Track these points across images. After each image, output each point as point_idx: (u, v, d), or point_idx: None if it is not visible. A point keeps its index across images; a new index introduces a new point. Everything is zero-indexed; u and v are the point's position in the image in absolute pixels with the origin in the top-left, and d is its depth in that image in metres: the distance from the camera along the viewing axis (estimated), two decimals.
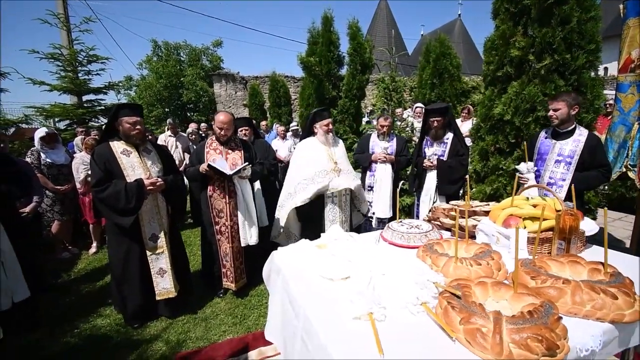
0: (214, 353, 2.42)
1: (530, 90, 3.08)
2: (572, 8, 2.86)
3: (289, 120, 10.85)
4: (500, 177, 3.38)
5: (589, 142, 2.52)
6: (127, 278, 2.68)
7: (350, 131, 5.38)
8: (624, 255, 1.65)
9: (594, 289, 1.14)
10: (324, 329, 1.13)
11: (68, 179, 4.27)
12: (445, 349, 1.00)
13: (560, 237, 1.59)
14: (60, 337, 2.66)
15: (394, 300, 1.22)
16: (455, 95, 6.40)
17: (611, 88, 5.61)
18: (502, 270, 1.42)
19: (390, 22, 25.48)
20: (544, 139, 2.75)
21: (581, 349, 1.00)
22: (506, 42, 3.23)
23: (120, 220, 2.54)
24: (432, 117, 3.41)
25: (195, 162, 3.05)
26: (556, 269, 1.37)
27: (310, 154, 3.20)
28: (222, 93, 12.74)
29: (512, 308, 1.12)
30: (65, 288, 3.51)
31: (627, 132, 2.94)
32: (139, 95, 14.85)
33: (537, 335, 0.91)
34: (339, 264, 1.51)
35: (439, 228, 2.08)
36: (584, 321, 1.11)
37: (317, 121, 3.24)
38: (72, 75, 7.39)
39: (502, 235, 1.71)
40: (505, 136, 3.31)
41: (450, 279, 1.33)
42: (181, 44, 15.50)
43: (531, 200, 1.87)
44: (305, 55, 5.67)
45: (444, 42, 6.29)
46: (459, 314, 1.04)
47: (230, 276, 3.12)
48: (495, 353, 0.92)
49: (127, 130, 2.57)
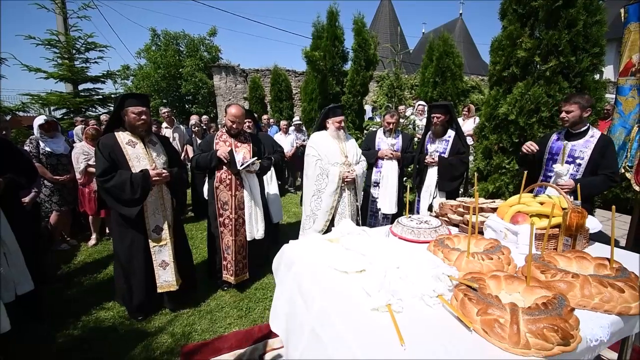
0: (221, 345, 2.44)
1: (535, 91, 3.13)
2: (578, 11, 2.91)
3: (290, 114, 10.83)
4: (503, 176, 3.44)
5: (601, 143, 2.50)
6: (132, 270, 2.68)
7: (353, 127, 5.41)
8: (625, 252, 1.71)
9: (602, 283, 1.19)
10: (342, 320, 1.16)
11: (67, 169, 4.22)
12: (462, 339, 1.04)
13: (566, 233, 1.64)
14: (65, 329, 2.66)
15: (410, 293, 1.26)
16: (456, 94, 6.44)
17: (607, 91, 5.67)
18: (512, 264, 1.46)
19: (392, 19, 25.38)
20: (555, 140, 2.73)
21: (591, 339, 1.05)
22: (513, 42, 3.27)
23: (125, 211, 2.54)
24: (433, 113, 3.49)
25: (206, 150, 3.05)
26: (564, 264, 1.42)
27: (324, 147, 3.25)
28: (222, 85, 12.63)
29: (525, 300, 1.16)
30: (66, 280, 3.50)
31: (627, 134, 3.01)
32: (136, 85, 14.65)
33: (553, 326, 0.95)
34: (353, 258, 1.54)
35: (447, 224, 2.12)
36: (592, 313, 1.16)
37: (330, 117, 3.29)
38: (69, 62, 7.28)
39: (510, 231, 1.76)
40: (509, 136, 3.36)
41: (463, 272, 1.37)
42: (180, 34, 15.30)
43: (538, 198, 1.92)
44: (309, 50, 5.65)
45: (447, 41, 6.32)
46: (476, 305, 1.08)
47: (230, 269, 3.12)
48: (513, 342, 0.96)
49: (132, 120, 2.55)
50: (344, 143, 3.28)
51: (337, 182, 3.14)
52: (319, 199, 3.21)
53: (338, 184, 3.15)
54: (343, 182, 3.19)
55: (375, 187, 3.85)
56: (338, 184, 3.15)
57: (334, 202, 3.19)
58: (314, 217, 3.24)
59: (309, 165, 3.27)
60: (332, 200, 3.17)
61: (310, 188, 3.26)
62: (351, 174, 3.18)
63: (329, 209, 3.19)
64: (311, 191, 3.25)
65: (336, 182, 3.14)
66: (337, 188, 3.16)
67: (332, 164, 3.17)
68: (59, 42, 7.13)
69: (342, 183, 3.18)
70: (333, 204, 3.19)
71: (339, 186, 3.16)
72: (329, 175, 3.16)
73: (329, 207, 3.19)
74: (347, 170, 3.17)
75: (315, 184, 3.21)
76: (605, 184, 2.50)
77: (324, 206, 3.20)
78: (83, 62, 7.56)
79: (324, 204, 3.19)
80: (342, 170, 3.16)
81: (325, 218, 3.21)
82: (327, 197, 3.18)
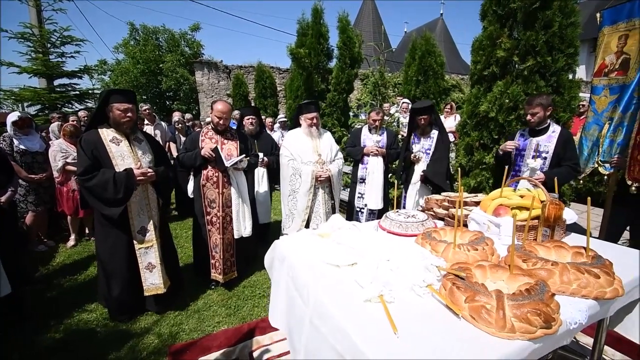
0: (210, 343, 2.42)
1: (514, 89, 3.25)
2: (554, 13, 3.04)
3: (275, 112, 10.77)
4: (484, 171, 3.55)
5: (562, 137, 2.75)
6: (115, 271, 2.60)
7: (339, 124, 5.44)
8: (599, 241, 1.82)
9: (579, 270, 1.26)
10: (339, 311, 1.19)
11: (43, 167, 4.07)
12: (451, 325, 1.08)
13: (545, 225, 1.72)
14: (47, 332, 2.57)
15: (401, 283, 1.30)
16: (438, 93, 6.59)
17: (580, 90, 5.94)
18: (495, 254, 1.53)
19: (375, 18, 25.57)
20: (520, 136, 2.96)
21: (570, 322, 1.11)
22: (493, 42, 3.38)
23: (107, 211, 2.46)
24: (419, 115, 3.54)
25: (190, 149, 3.00)
26: (543, 253, 1.49)
27: (296, 146, 3.25)
28: (204, 82, 12.40)
29: (509, 287, 1.22)
30: (46, 282, 3.38)
31: (600, 131, 3.17)
32: (114, 81, 14.18)
33: (536, 310, 1.01)
34: (345, 252, 1.57)
35: (433, 218, 2.18)
36: (571, 298, 1.23)
37: (303, 113, 3.29)
38: (43, 57, 6.98)
39: (492, 223, 1.83)
40: (490, 132, 3.48)
41: (450, 263, 1.42)
42: (160, 29, 14.89)
43: (518, 191, 2.01)
44: (294, 47, 5.64)
45: (429, 40, 6.44)
46: (464, 293, 1.13)
47: (218, 268, 3.10)
48: (499, 327, 1.01)
49: (117, 117, 2.47)
50: (317, 141, 3.29)
51: (310, 181, 3.16)
52: (295, 199, 3.23)
53: (311, 183, 3.16)
54: (317, 181, 3.20)
55: (361, 184, 3.90)
56: (311, 183, 3.16)
57: (309, 202, 3.21)
58: (292, 217, 3.26)
59: (282, 166, 3.28)
60: (307, 200, 3.19)
61: (286, 188, 3.28)
62: (325, 173, 3.19)
63: (304, 208, 3.21)
64: (287, 191, 3.27)
65: (309, 182, 3.16)
66: (311, 187, 3.18)
67: (305, 163, 3.19)
68: (32, 36, 6.83)
69: (315, 182, 3.19)
70: (308, 203, 3.21)
71: (312, 185, 3.17)
72: (301, 174, 3.17)
73: (304, 206, 3.21)
74: (320, 169, 3.18)
75: (289, 184, 3.23)
76: (570, 175, 2.77)
77: (300, 206, 3.21)
78: (59, 57, 7.28)
79: (299, 203, 3.21)
80: (315, 169, 3.17)
81: (302, 218, 3.23)
82: (301, 196, 3.19)
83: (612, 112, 3.07)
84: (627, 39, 2.94)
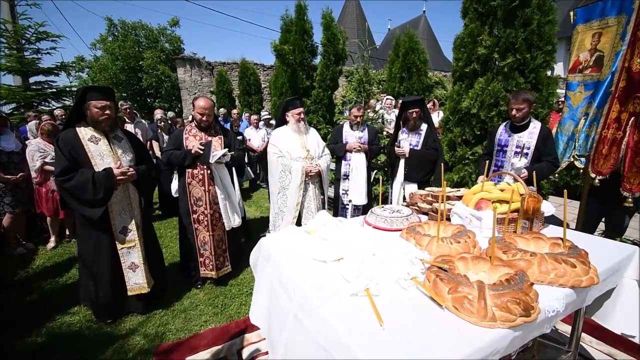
0: (197, 343, 2.40)
1: (495, 86, 3.33)
2: (533, 11, 3.13)
3: (260, 109, 10.67)
4: (466, 166, 3.63)
5: (542, 133, 2.85)
6: (97, 272, 2.54)
7: (324, 121, 5.44)
8: (575, 232, 1.90)
9: (556, 260, 1.31)
10: (324, 306, 1.20)
11: (20, 167, 3.92)
12: (435, 316, 1.11)
13: (524, 217, 1.78)
14: (29, 336, 2.50)
15: (386, 277, 1.32)
16: (422, 89, 6.67)
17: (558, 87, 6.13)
18: (477, 247, 1.57)
19: (359, 15, 25.59)
20: (503, 132, 3.03)
21: (549, 310, 1.16)
22: (474, 40, 3.45)
23: (88, 212, 2.40)
24: (410, 108, 3.56)
25: (176, 146, 2.95)
26: (522, 244, 1.55)
27: (284, 143, 3.24)
28: (187, 79, 12.15)
29: (490, 278, 1.26)
30: (25, 286, 3.26)
31: (575, 126, 3.29)
32: (92, 78, 13.73)
33: (516, 299, 1.05)
34: (331, 247, 1.58)
35: (417, 212, 2.22)
36: (549, 287, 1.28)
37: (289, 110, 3.29)
38: (17, 53, 6.69)
39: (474, 217, 1.88)
40: (472, 128, 3.56)
41: (434, 256, 1.45)
42: (138, 24, 14.48)
43: (499, 185, 2.06)
44: (279, 43, 5.59)
45: (412, 38, 6.51)
46: (447, 284, 1.16)
47: (209, 265, 3.08)
48: (481, 316, 1.04)
49: (95, 115, 2.39)
50: (305, 137, 3.30)
51: (300, 177, 3.16)
52: (284, 196, 3.22)
53: (302, 179, 3.17)
54: (307, 177, 3.21)
55: (345, 180, 3.92)
56: (302, 179, 3.17)
57: (299, 198, 3.21)
58: (282, 215, 3.25)
59: (271, 163, 3.27)
60: (298, 196, 3.19)
61: (275, 186, 3.27)
62: (315, 168, 3.20)
63: (295, 204, 3.21)
64: (276, 189, 3.26)
65: (299, 178, 3.16)
66: (301, 183, 3.18)
67: (294, 159, 3.19)
68: (5, 31, 6.53)
69: (305, 177, 3.20)
70: (299, 199, 3.21)
71: (302, 181, 3.18)
72: (291, 171, 3.17)
73: (295, 202, 3.20)
74: (310, 165, 3.19)
75: (279, 181, 3.22)
76: (550, 170, 2.89)
77: (290, 202, 3.21)
78: (34, 53, 6.99)
79: (290, 200, 3.20)
80: (305, 164, 3.17)
81: (292, 215, 3.22)
82: (291, 193, 3.19)
83: (587, 108, 3.17)
84: (600, 37, 3.04)
